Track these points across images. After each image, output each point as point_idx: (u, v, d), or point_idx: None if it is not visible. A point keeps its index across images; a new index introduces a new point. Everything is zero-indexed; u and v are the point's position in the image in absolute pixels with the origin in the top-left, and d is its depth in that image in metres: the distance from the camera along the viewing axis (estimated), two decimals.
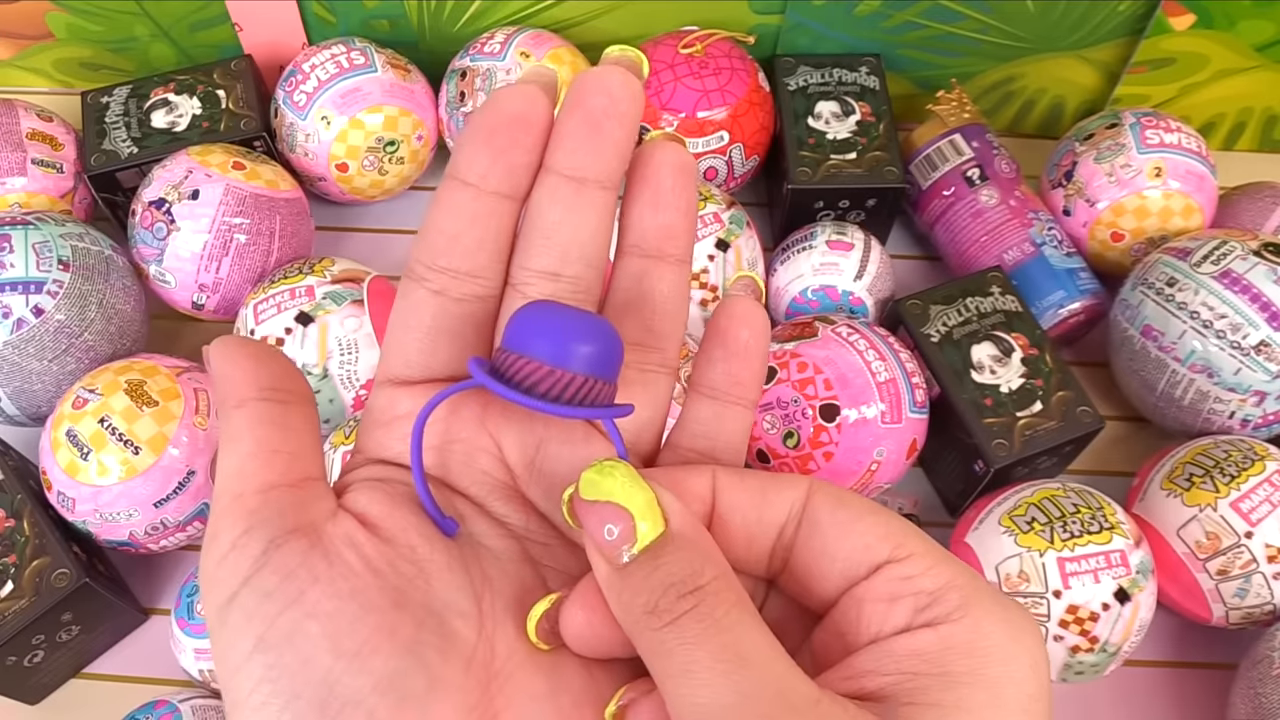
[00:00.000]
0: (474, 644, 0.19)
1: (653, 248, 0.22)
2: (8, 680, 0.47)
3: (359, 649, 0.18)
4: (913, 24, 0.64)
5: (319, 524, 0.19)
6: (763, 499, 0.21)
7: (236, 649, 0.18)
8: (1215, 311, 0.50)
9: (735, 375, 0.23)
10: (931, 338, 0.53)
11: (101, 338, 0.52)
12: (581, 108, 0.20)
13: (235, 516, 0.19)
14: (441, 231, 0.21)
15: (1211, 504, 0.47)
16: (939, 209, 0.62)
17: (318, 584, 0.18)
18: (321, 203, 0.66)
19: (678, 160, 0.21)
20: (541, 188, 0.21)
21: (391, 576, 0.19)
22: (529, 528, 0.22)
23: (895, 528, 0.20)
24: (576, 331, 0.19)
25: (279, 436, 0.20)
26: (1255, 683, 0.45)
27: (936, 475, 0.57)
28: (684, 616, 0.18)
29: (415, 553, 0.20)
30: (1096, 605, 0.45)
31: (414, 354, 0.21)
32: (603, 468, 0.19)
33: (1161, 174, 0.58)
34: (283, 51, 0.66)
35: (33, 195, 0.58)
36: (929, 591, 0.19)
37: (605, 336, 0.20)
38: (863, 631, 0.19)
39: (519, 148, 0.20)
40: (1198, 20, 0.62)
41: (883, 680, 0.18)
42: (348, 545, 0.19)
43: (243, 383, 0.20)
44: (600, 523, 0.19)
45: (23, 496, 0.48)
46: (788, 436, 0.49)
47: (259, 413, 0.20)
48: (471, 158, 0.20)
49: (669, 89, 0.61)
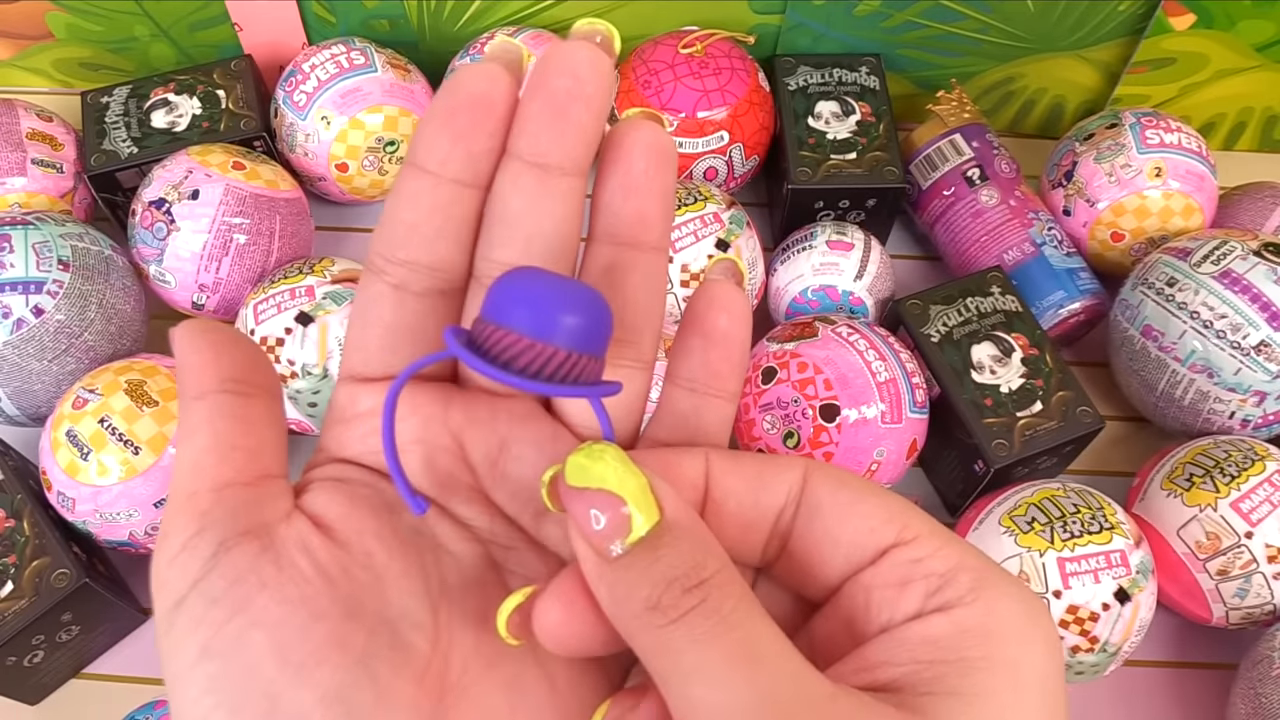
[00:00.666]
0: (428, 656, 0.18)
1: (625, 235, 0.20)
2: (8, 680, 0.47)
3: (305, 660, 0.17)
4: (913, 24, 0.64)
5: (272, 526, 0.18)
6: (759, 482, 0.20)
7: (182, 656, 0.17)
8: (1215, 311, 0.50)
9: (714, 366, 0.21)
10: (931, 338, 0.53)
11: (101, 338, 0.52)
12: (545, 89, 0.18)
13: (187, 516, 0.18)
14: (400, 222, 0.20)
15: (1212, 504, 0.47)
16: (939, 209, 0.62)
17: (265, 590, 0.17)
18: (321, 203, 0.66)
19: (653, 141, 0.20)
20: (504, 174, 0.19)
21: (344, 583, 0.18)
22: (493, 531, 0.21)
23: (898, 509, 0.19)
24: (562, 301, 0.18)
25: (239, 431, 0.19)
26: (1255, 683, 0.45)
27: (936, 475, 0.57)
28: (691, 613, 0.17)
29: (371, 559, 0.19)
30: (1096, 605, 0.45)
31: (374, 350, 0.20)
32: (591, 451, 0.18)
33: (1161, 174, 0.58)
34: (283, 51, 0.66)
35: (33, 195, 0.58)
36: (939, 574, 0.18)
37: (593, 307, 0.18)
38: (872, 620, 0.19)
39: (480, 132, 0.19)
40: (1198, 20, 0.62)
41: (897, 670, 0.18)
42: (300, 549, 0.18)
43: (204, 373, 0.19)
44: (588, 511, 0.17)
45: (23, 496, 0.48)
46: (788, 436, 0.49)
47: (219, 405, 0.19)
48: (430, 143, 0.19)
49: (669, 89, 0.61)
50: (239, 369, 0.19)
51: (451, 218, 0.20)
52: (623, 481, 0.17)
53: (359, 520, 0.19)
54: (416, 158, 0.19)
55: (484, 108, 0.19)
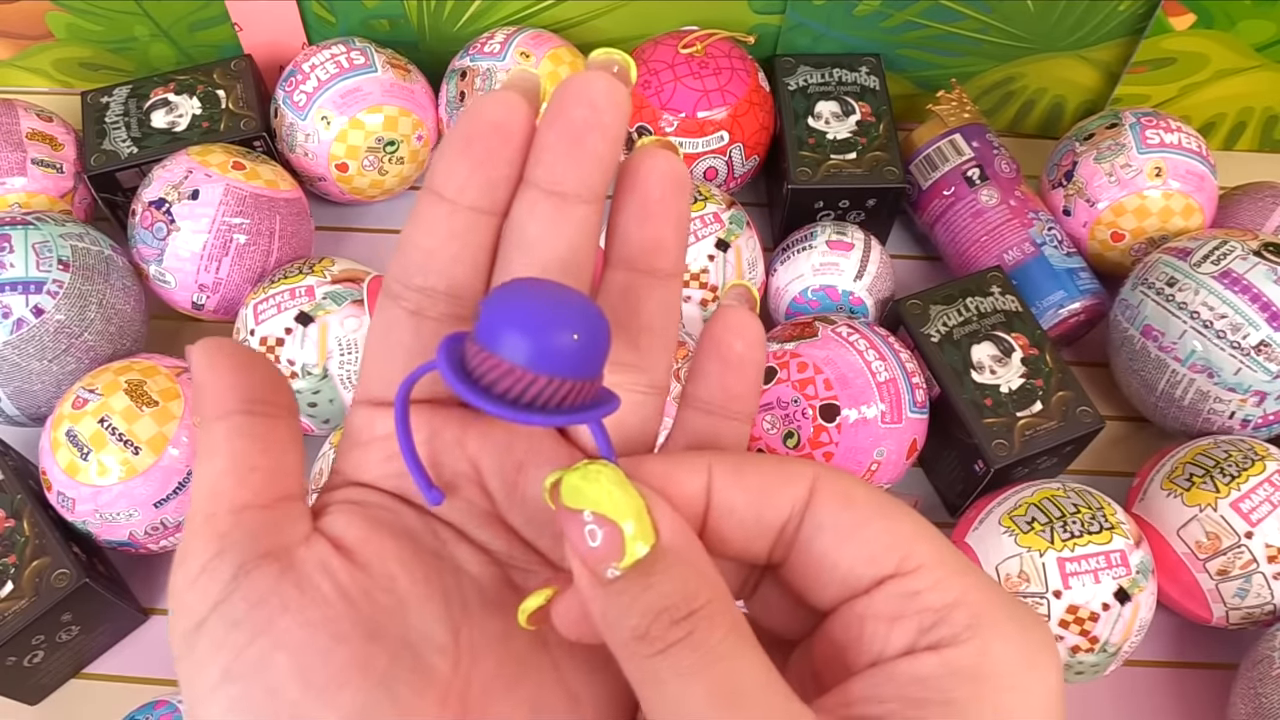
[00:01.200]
0: (449, 678, 0.18)
1: (640, 262, 0.21)
2: (8, 680, 0.47)
3: (328, 682, 0.17)
4: (913, 24, 0.64)
5: (292, 548, 0.18)
6: (762, 496, 0.19)
7: (203, 678, 0.17)
8: (1215, 311, 0.50)
9: (731, 389, 0.21)
10: (931, 338, 0.53)
11: (101, 338, 0.52)
12: (562, 119, 0.19)
13: (206, 538, 0.18)
14: (418, 248, 0.20)
15: (1212, 504, 0.47)
16: (939, 209, 0.62)
17: (288, 612, 0.17)
18: (321, 203, 0.66)
19: (668, 169, 0.20)
20: (521, 202, 0.20)
21: (365, 606, 0.18)
22: (511, 554, 0.21)
23: (905, 534, 0.19)
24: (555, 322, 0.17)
25: (258, 452, 0.19)
26: (1255, 683, 0.45)
27: (936, 475, 0.57)
28: (677, 645, 0.17)
29: (392, 581, 0.19)
30: (1096, 605, 0.45)
31: (393, 375, 0.20)
32: (587, 472, 0.18)
33: (1161, 174, 0.58)
34: (283, 51, 0.66)
35: (33, 195, 0.58)
36: (935, 609, 0.18)
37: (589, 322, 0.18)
38: (864, 651, 0.18)
39: (498, 160, 0.19)
40: (1198, 20, 0.62)
41: (882, 708, 0.17)
42: (321, 571, 0.18)
43: (226, 393, 0.19)
44: (583, 532, 0.17)
45: (23, 496, 0.48)
46: (788, 436, 0.49)
47: (239, 426, 0.19)
48: (448, 170, 0.19)
49: (669, 89, 0.61)
50: (260, 389, 0.19)
51: (469, 244, 0.20)
52: (617, 505, 0.17)
53: (379, 543, 0.19)
54: (434, 184, 0.19)
55: (502, 135, 0.19)
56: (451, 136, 0.19)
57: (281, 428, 0.19)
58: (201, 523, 0.18)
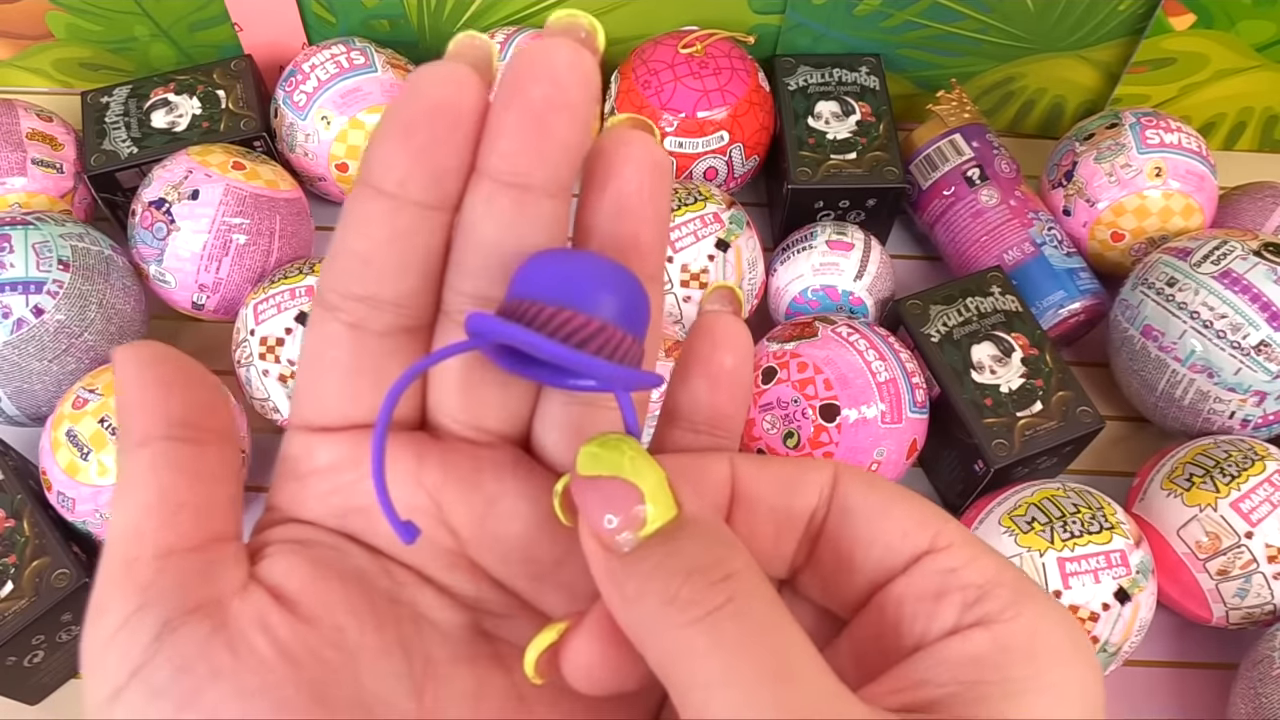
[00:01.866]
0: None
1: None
2: (8, 680, 0.47)
3: None
4: (913, 24, 0.64)
5: (225, 600, 0.16)
6: (789, 486, 0.18)
7: None
8: (1215, 311, 0.50)
9: (721, 409, 0.19)
10: (931, 338, 0.53)
11: (101, 338, 0.52)
12: (521, 98, 0.16)
13: (126, 589, 0.15)
14: (354, 253, 0.17)
15: (1212, 504, 0.47)
16: (939, 209, 0.62)
17: (219, 680, 0.15)
18: (321, 203, 0.66)
19: (645, 155, 0.17)
20: (475, 195, 0.17)
21: (311, 667, 0.16)
22: (481, 597, 0.18)
23: (930, 514, 0.18)
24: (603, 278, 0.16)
25: (186, 486, 0.16)
26: (1255, 683, 0.45)
27: (936, 475, 0.57)
28: (717, 613, 0.15)
29: (341, 635, 0.16)
30: (1097, 605, 0.45)
31: (331, 398, 0.18)
32: (607, 440, 0.16)
33: (1162, 174, 0.58)
34: (283, 51, 0.66)
35: (33, 195, 0.58)
36: (976, 585, 0.17)
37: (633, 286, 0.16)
38: (905, 635, 0.17)
39: (445, 146, 0.16)
40: (1198, 20, 0.62)
41: (938, 691, 0.16)
42: (258, 628, 0.16)
43: (150, 415, 0.16)
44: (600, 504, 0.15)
45: (23, 496, 0.48)
46: (788, 436, 0.49)
47: (165, 455, 0.16)
48: (387, 160, 0.16)
49: (669, 89, 0.61)
50: (190, 410, 0.17)
51: (415, 246, 0.17)
52: (639, 472, 0.15)
53: (325, 590, 0.17)
54: (371, 177, 0.16)
55: (449, 118, 0.16)
56: (388, 120, 0.16)
57: (214, 456, 0.17)
58: (120, 570, 0.16)
